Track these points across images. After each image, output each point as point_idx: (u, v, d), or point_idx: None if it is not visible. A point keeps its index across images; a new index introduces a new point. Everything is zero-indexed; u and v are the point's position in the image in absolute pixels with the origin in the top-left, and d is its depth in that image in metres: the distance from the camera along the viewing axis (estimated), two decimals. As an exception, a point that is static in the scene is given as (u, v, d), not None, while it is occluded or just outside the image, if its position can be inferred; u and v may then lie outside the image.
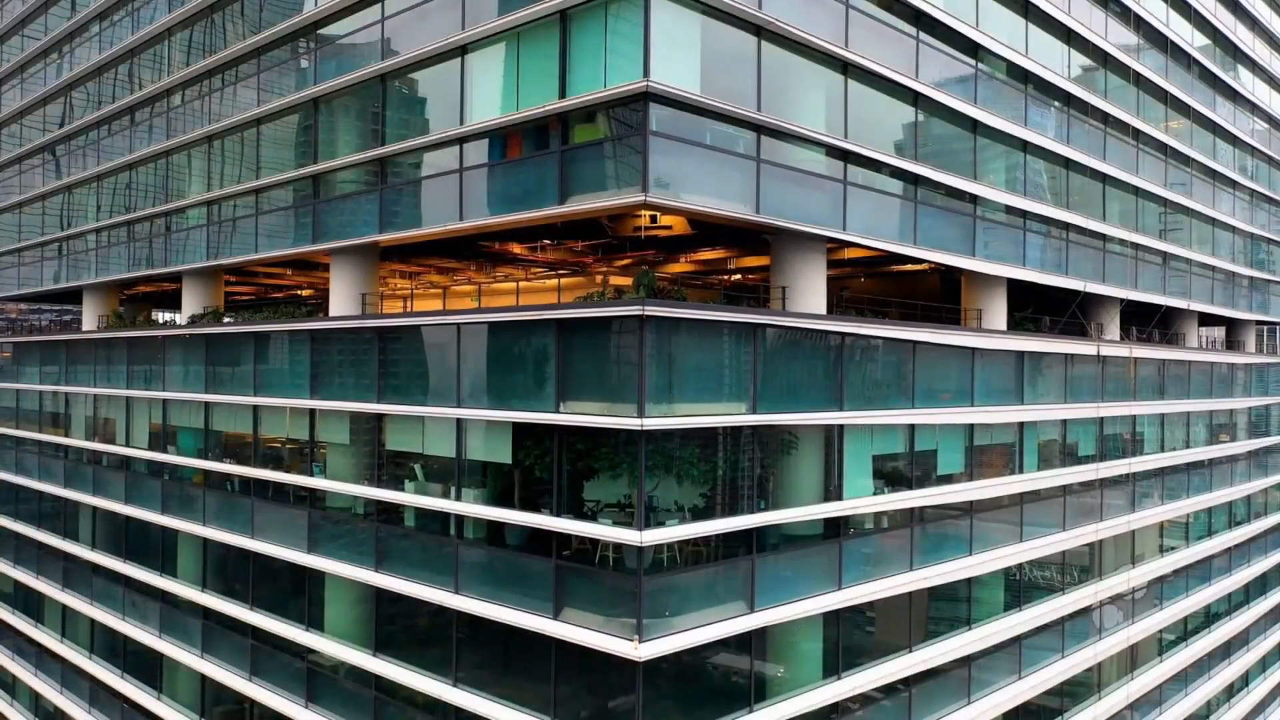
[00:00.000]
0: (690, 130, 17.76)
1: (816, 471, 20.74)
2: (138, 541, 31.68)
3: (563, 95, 17.81)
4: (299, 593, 24.75)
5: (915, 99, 22.85)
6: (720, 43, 18.41)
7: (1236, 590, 41.83)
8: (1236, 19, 40.83)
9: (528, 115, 18.44)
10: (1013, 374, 26.46)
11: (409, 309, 33.33)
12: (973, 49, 24.55)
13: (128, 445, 32.03)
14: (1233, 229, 40.39)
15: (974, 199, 24.69)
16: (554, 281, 32.66)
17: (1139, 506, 33.04)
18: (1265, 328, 51.24)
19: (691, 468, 18.50)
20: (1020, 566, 27.48)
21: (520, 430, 19.03)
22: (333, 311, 24.27)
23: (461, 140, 20.11)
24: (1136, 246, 32.75)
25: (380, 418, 22.35)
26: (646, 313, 16.36)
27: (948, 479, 24.19)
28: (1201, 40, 37.41)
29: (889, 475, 22.62)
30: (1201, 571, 38.14)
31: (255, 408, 25.94)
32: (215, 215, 28.20)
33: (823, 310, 21.05)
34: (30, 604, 39.50)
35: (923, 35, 22.91)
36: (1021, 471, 27.05)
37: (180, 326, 29.74)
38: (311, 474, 24.25)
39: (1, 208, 41.89)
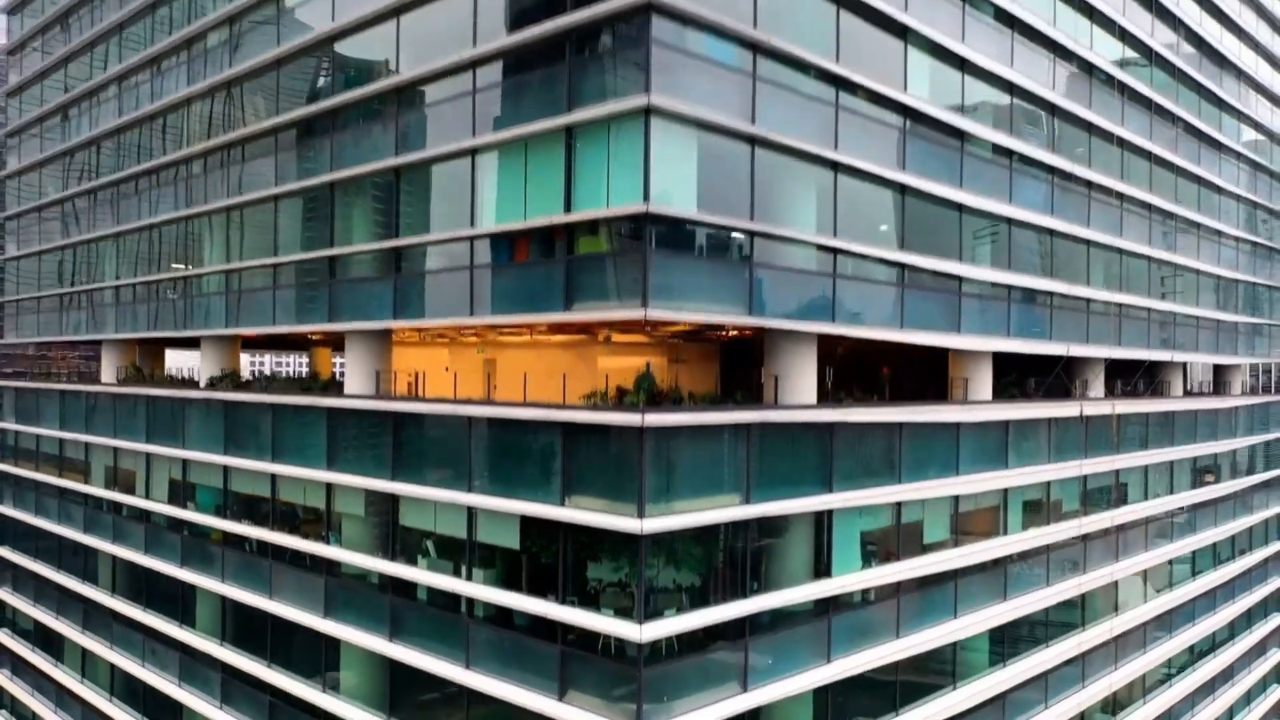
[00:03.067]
0: (687, 241, 18.98)
1: (807, 550, 21.94)
2: (157, 589, 32.87)
3: (568, 209, 19.01)
4: (316, 653, 25.94)
5: (902, 189, 24.03)
6: (716, 154, 19.59)
7: (1221, 629, 42.99)
8: (1222, 70, 41.93)
9: (534, 225, 19.65)
10: (997, 441, 27.63)
11: (417, 371, 34.35)
12: (958, 134, 25.71)
13: (147, 498, 33.23)
14: (1217, 277, 41.52)
15: (959, 279, 25.87)
16: (560, 337, 33.77)
17: (1123, 556, 34.21)
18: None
19: (689, 554, 19.69)
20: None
21: (528, 517, 20.22)
22: (348, 388, 25.47)
23: (472, 240, 21.32)
24: (1120, 305, 33.89)
25: (395, 494, 23.54)
26: (646, 423, 17.56)
27: (933, 547, 25.37)
28: (1187, 94, 38.54)
29: (876, 548, 23.79)
30: (1186, 613, 39.31)
31: (273, 475, 27.13)
32: (234, 284, 29.41)
33: (813, 398, 22.22)
34: (50, 642, 40.71)
35: (909, 124, 24.09)
36: (1006, 533, 28.20)
37: (199, 388, 30.92)
38: (328, 542, 25.46)
39: (22, 255, 43.10)
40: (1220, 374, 47.11)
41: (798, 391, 21.99)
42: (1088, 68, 31.35)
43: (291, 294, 26.94)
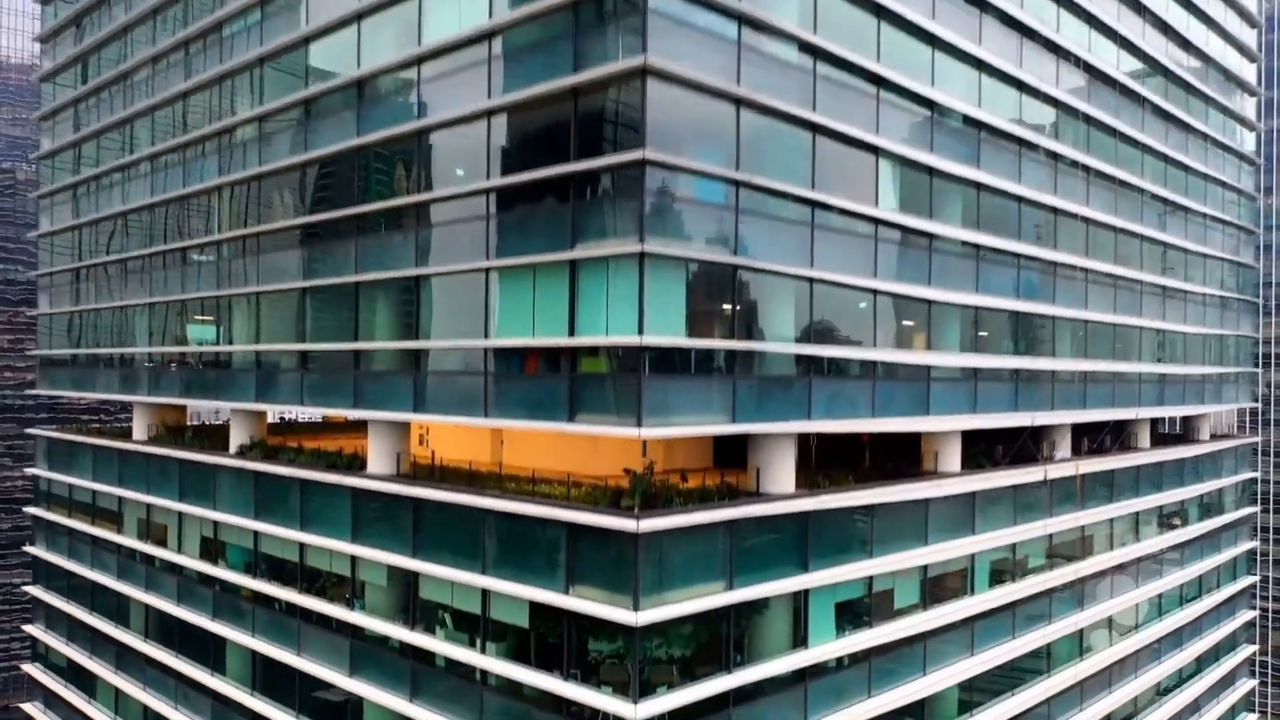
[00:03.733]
0: (678, 362, 21.49)
1: (785, 624, 24.43)
2: (189, 637, 35.34)
3: (571, 333, 21.54)
4: (342, 710, 28.44)
5: (874, 293, 26.54)
6: (704, 280, 22.13)
7: (1188, 664, 45.48)
8: (1188, 136, 44.38)
9: (541, 343, 22.18)
10: (964, 511, 30.10)
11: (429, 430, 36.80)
12: (927, 236, 28.21)
13: (179, 552, 35.74)
14: (1184, 334, 43.98)
15: (929, 367, 28.37)
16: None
17: (1088, 604, 36.71)
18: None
19: (679, 634, 22.18)
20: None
21: (536, 602, 22.71)
22: (371, 467, 27.99)
23: (486, 350, 23.84)
24: (1085, 373, 36.36)
25: (415, 571, 26.02)
26: (640, 529, 20.08)
27: (904, 612, 27.86)
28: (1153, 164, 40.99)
29: (850, 617, 26.26)
30: (1152, 653, 41.79)
31: (301, 544, 29.64)
32: (263, 362, 31.92)
33: (791, 485, 24.71)
34: (82, 679, 43.22)
35: (880, 232, 26.61)
36: (973, 594, 30.70)
37: (229, 455, 33.41)
38: (352, 607, 27.97)
39: (54, 312, 45.63)
40: (1190, 419, 49.54)
41: (778, 481, 24.50)
42: (1053, 156, 33.83)
43: (318, 378, 29.46)
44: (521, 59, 23.06)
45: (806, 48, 24.04)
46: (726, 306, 22.62)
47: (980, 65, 30.05)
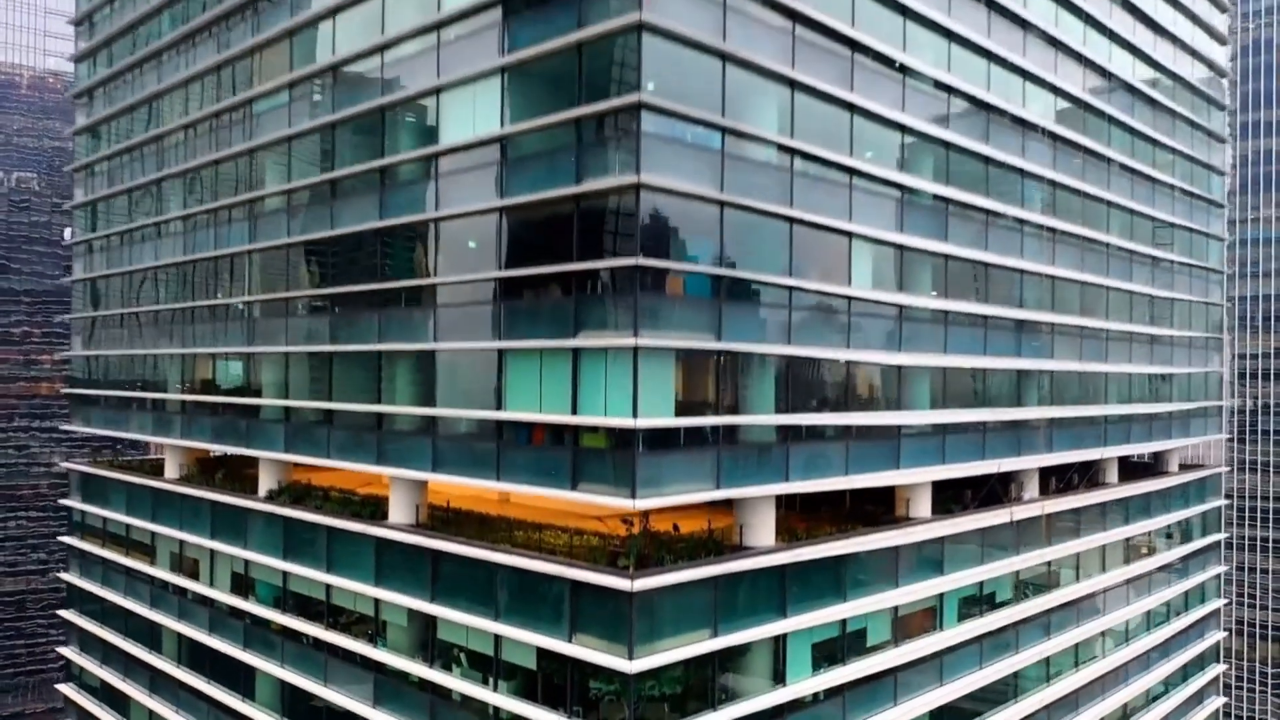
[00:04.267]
0: (670, 440, 24.32)
1: (766, 664, 27.23)
2: (220, 664, 38.18)
3: (574, 411, 24.39)
4: (365, 736, 31.29)
5: (848, 364, 29.37)
6: (692, 364, 25.00)
7: (1156, 685, 48.23)
8: (1155, 189, 47.14)
9: (547, 419, 25.03)
10: (933, 554, 32.90)
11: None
12: (898, 308, 31.02)
13: (211, 585, 38.62)
14: (1149, 375, 46.75)
15: (899, 426, 31.19)
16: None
17: (1055, 633, 39.48)
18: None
19: (670, 676, 25.00)
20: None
21: (543, 648, 25.55)
22: (392, 517, 30.83)
23: (498, 423, 26.70)
24: (1050, 420, 39.13)
25: (433, 615, 28.85)
26: (635, 588, 22.93)
27: (876, 648, 30.66)
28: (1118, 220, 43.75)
29: (825, 655, 29.06)
30: (1118, 677, 44.55)
31: (327, 585, 32.50)
32: (292, 416, 34.78)
33: (772, 539, 27.54)
34: (116, 701, 46.09)
35: (852, 307, 29.42)
36: (942, 629, 33.49)
37: (259, 499, 36.27)
38: (375, 644, 30.82)
39: (89, 354, 48.55)
40: (1158, 454, 52.25)
41: (759, 535, 27.34)
42: (1019, 223, 36.62)
43: (343, 435, 32.32)
44: (529, 165, 25.93)
45: (785, 149, 26.89)
46: (712, 385, 25.48)
47: (948, 146, 32.86)
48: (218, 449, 39.03)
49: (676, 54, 23.83)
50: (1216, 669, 55.66)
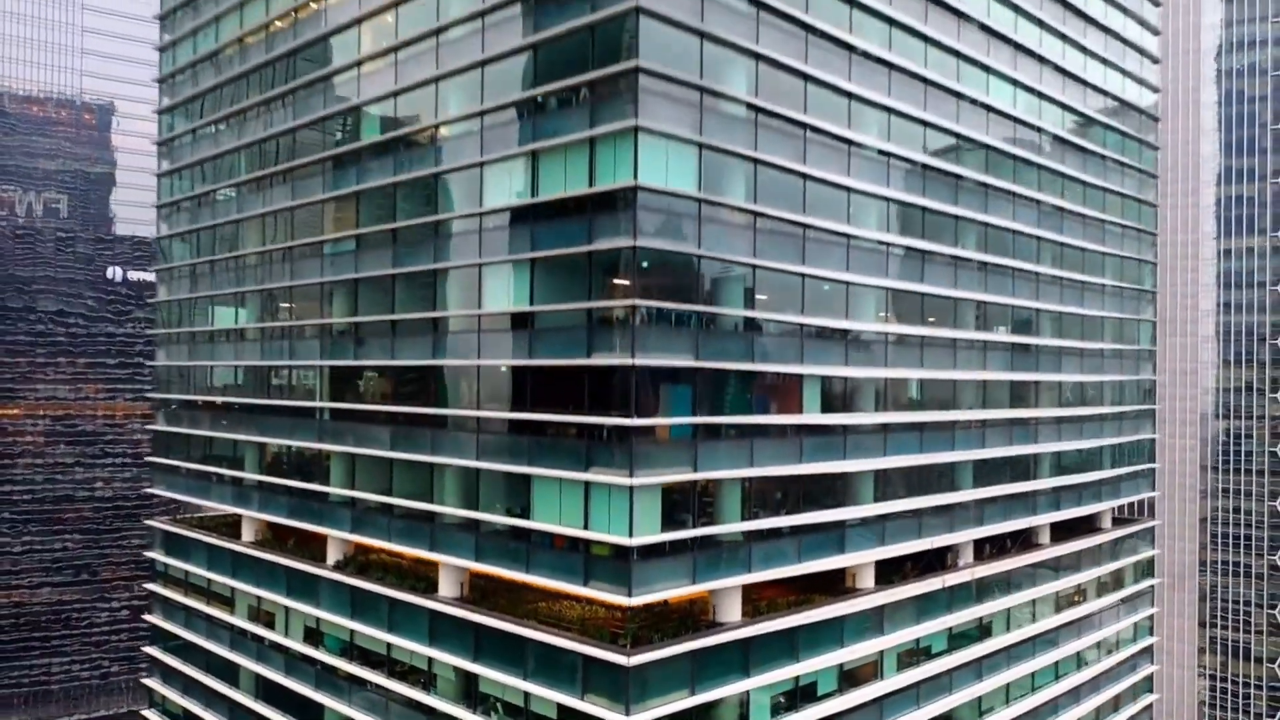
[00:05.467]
0: (657, 549, 32.32)
1: (735, 714, 35.21)
2: (294, 701, 46.33)
3: (585, 526, 32.44)
4: (419, 765, 39.45)
5: (800, 477, 37.34)
6: (676, 490, 33.03)
7: (1088, 714, 55.98)
8: (1084, 290, 54.90)
9: (565, 531, 33.11)
10: (875, 618, 40.79)
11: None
12: (842, 429, 39.00)
13: (285, 636, 46.82)
14: (1079, 451, 54.51)
15: (844, 521, 39.14)
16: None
17: (987, 676, 47.32)
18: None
19: (658, 725, 33.03)
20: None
21: (561, 703, 33.61)
22: (441, 591, 38.93)
23: (529, 532, 34.78)
24: (983, 499, 46.97)
25: (475, 673, 36.93)
26: (631, 662, 30.98)
27: (824, 697, 38.60)
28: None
29: (782, 705, 36.98)
30: (1049, 709, 52.34)
31: (388, 644, 40.66)
32: (357, 502, 42.96)
33: (739, 615, 35.51)
34: (198, 727, 54.39)
35: (805, 435, 37.36)
36: (882, 679, 41.39)
37: (328, 567, 44.44)
38: (428, 692, 38.94)
39: (171, 430, 56.89)
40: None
41: (728, 613, 35.34)
42: (951, 341, 44.54)
43: (401, 524, 40.47)
44: (549, 337, 33.98)
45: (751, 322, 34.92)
46: (690, 503, 33.50)
47: (890, 289, 40.89)
48: (291, 523, 47.16)
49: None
50: (1149, 698, 63.34)
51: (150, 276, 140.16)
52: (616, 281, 31.86)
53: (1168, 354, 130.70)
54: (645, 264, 31.42)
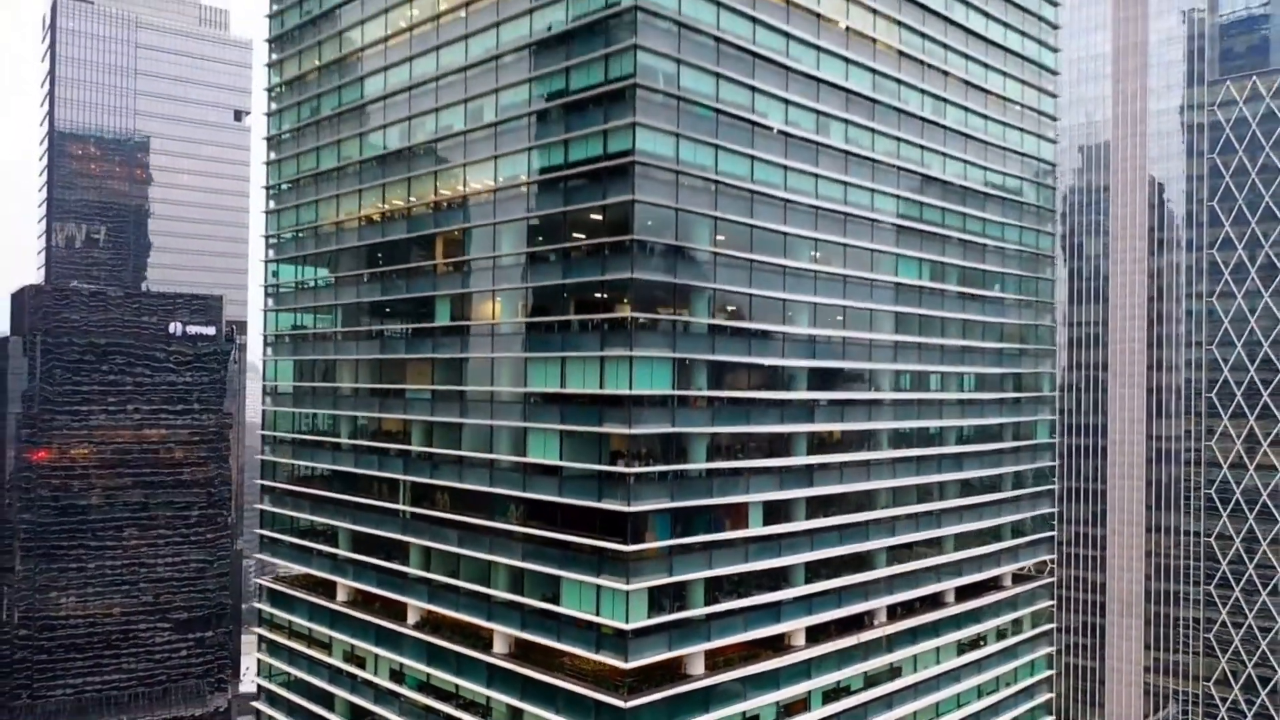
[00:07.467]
0: (646, 629, 48.50)
1: (699, 738, 51.36)
2: (380, 724, 62.59)
3: (597, 613, 48.64)
4: (479, 771, 55.70)
5: (745, 554, 53.47)
6: (659, 588, 49.32)
7: (987, 734, 71.81)
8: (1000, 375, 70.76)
9: (582, 616, 49.34)
10: (804, 668, 56.75)
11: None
12: (778, 539, 55.15)
13: (374, 675, 63.14)
14: (979, 531, 70.28)
15: (780, 600, 55.17)
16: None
17: (897, 707, 63.24)
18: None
19: (646, 746, 49.24)
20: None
21: (580, 730, 49.79)
22: (495, 648, 55.12)
23: (558, 613, 51.02)
24: (895, 575, 62.83)
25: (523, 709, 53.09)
26: (628, 705, 47.23)
27: (767, 725, 54.65)
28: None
29: (735, 731, 53.03)
30: (952, 730, 68.25)
31: (456, 684, 56.92)
32: (430, 581, 59.23)
33: (702, 669, 51.56)
34: (302, 738, 70.69)
35: (750, 542, 53.50)
36: (810, 711, 57.33)
37: (408, 626, 60.71)
38: (486, 720, 55.25)
39: (275, 510, 73.41)
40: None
41: (694, 667, 51.42)
42: (865, 463, 60.59)
43: (465, 599, 56.69)
44: (572, 483, 50.17)
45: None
46: (667, 597, 49.67)
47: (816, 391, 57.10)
48: (379, 592, 63.44)
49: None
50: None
51: (208, 330, 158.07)
52: (615, 450, 48.13)
53: (1117, 404, 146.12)
54: (637, 435, 47.67)
